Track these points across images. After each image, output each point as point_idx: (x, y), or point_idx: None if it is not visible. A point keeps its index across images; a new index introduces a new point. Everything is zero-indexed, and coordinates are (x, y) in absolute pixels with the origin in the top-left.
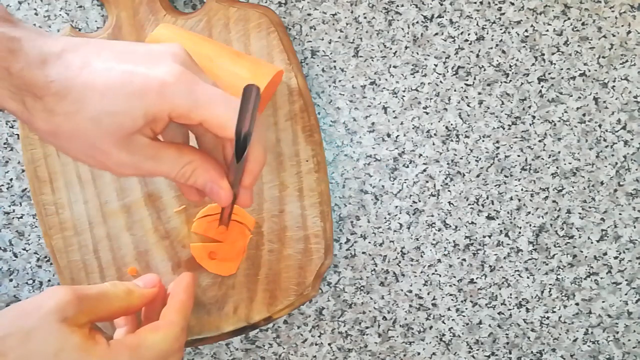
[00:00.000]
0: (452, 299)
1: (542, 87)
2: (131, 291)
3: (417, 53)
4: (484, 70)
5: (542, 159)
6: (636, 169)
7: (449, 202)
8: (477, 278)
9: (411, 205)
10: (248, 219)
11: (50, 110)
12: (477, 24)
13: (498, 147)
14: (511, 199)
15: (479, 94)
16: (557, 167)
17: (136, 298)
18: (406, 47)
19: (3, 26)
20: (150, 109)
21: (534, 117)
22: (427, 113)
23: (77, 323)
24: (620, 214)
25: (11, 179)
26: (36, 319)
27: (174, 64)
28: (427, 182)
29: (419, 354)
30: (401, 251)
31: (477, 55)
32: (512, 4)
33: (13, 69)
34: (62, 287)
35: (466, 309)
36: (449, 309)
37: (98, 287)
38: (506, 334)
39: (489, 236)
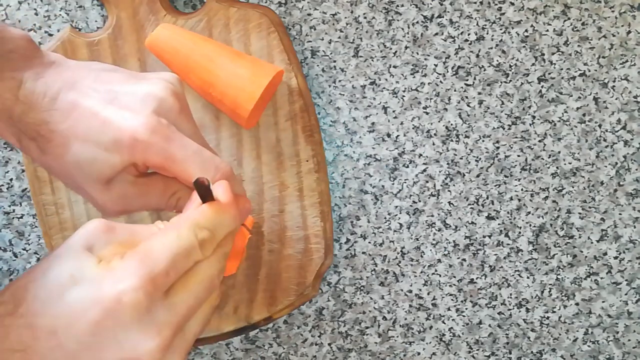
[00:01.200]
0: (452, 299)
1: (542, 87)
2: (201, 223)
3: (417, 53)
4: (484, 70)
5: (542, 159)
6: (636, 169)
7: (449, 202)
8: (477, 278)
9: (411, 205)
10: (247, 220)
11: (42, 150)
12: (477, 24)
13: (498, 147)
14: (511, 199)
15: (479, 94)
16: (557, 167)
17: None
18: (406, 47)
19: (16, 69)
20: (124, 160)
21: (534, 117)
22: (427, 113)
23: (105, 256)
24: (620, 214)
25: (11, 179)
26: (62, 249)
27: (152, 115)
28: (427, 182)
29: (419, 354)
30: (401, 251)
31: (477, 55)
32: (512, 4)
33: (15, 113)
34: (97, 219)
35: (466, 309)
36: (449, 309)
37: (132, 225)
38: (506, 334)
39: (489, 236)
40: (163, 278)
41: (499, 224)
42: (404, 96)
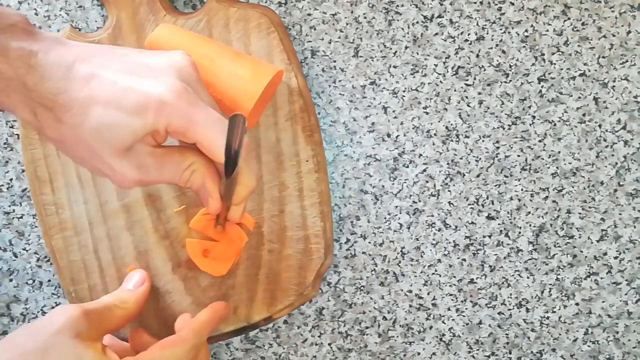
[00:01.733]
0: (452, 299)
1: (542, 87)
2: (125, 300)
3: (417, 53)
4: (484, 70)
5: (542, 159)
6: (636, 169)
7: (449, 202)
8: (477, 278)
9: (411, 205)
10: (247, 220)
11: (58, 120)
12: (477, 24)
13: (498, 147)
14: (511, 199)
15: (479, 94)
16: (557, 167)
17: (132, 304)
18: (406, 47)
19: (23, 40)
20: (148, 124)
21: (534, 117)
22: (427, 113)
23: (90, 337)
24: (620, 214)
25: (11, 179)
26: (50, 336)
27: (177, 80)
28: (427, 182)
29: (419, 354)
30: (401, 251)
31: (477, 55)
32: (512, 4)
33: (29, 83)
34: (69, 305)
35: (466, 309)
36: (449, 309)
37: (100, 302)
38: (506, 334)
39: (489, 236)
40: None
41: (499, 224)
42: (404, 96)
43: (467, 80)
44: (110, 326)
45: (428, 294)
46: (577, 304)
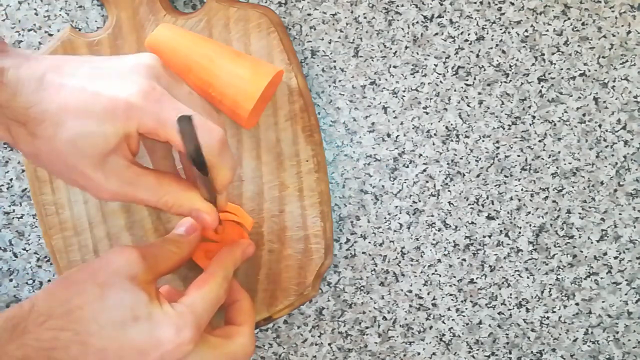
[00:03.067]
0: (452, 299)
1: (542, 87)
2: (180, 242)
3: (417, 53)
4: (484, 70)
5: (542, 159)
6: (636, 169)
7: (449, 202)
8: (477, 278)
9: (411, 205)
10: (247, 220)
11: (32, 134)
12: (477, 24)
13: (498, 147)
14: (511, 199)
15: (479, 94)
16: (557, 167)
17: (185, 250)
18: (406, 47)
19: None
20: (120, 129)
21: (534, 117)
22: (427, 113)
23: (145, 280)
24: (620, 214)
25: (11, 179)
26: (108, 275)
27: (145, 79)
28: (427, 182)
29: (419, 354)
30: (401, 251)
31: (477, 55)
32: (512, 4)
33: (1, 100)
34: (126, 246)
35: (466, 309)
36: (449, 309)
37: (154, 244)
38: (506, 334)
39: (489, 236)
40: (204, 326)
41: (499, 224)
42: (404, 96)
43: (467, 80)
44: (164, 269)
45: (428, 294)
46: (577, 304)
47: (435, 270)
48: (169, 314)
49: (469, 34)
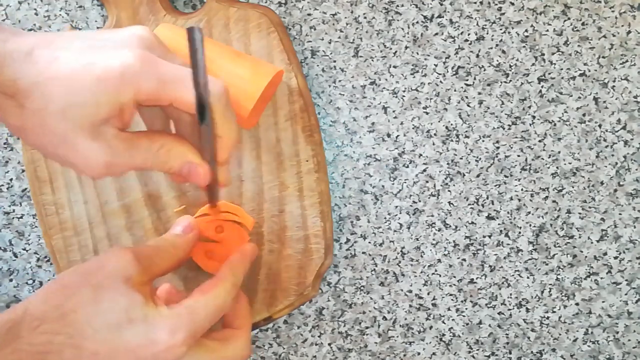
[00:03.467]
0: (452, 299)
1: (542, 87)
2: (177, 242)
3: (417, 53)
4: (484, 70)
5: (542, 159)
6: (636, 169)
7: (449, 202)
8: (477, 278)
9: (411, 205)
10: (247, 220)
11: (20, 106)
12: (477, 24)
13: (498, 147)
14: (511, 199)
15: (479, 94)
16: (557, 167)
17: (182, 250)
18: (406, 47)
19: None
20: (114, 95)
21: (534, 117)
22: (427, 113)
23: (140, 282)
24: (620, 214)
25: (11, 179)
26: (102, 278)
27: (138, 48)
28: (427, 182)
29: (419, 354)
30: (401, 251)
31: (477, 55)
32: (512, 4)
33: None
34: (122, 248)
35: (466, 309)
36: (449, 309)
37: (149, 245)
38: (506, 334)
39: (489, 236)
40: (202, 332)
41: (499, 224)
42: (404, 96)
43: (467, 80)
44: (159, 270)
45: (428, 294)
46: (577, 304)
47: (435, 270)
48: (164, 315)
49: (469, 34)
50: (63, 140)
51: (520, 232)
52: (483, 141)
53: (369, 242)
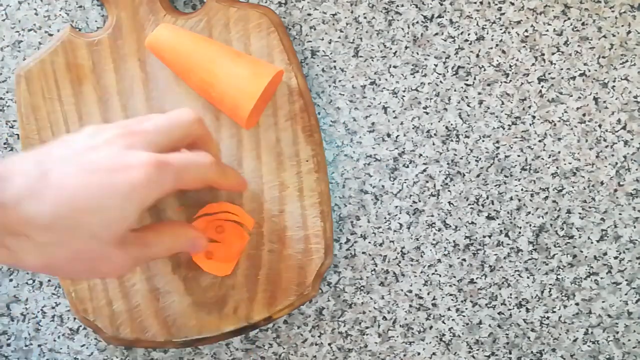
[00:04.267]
0: (452, 299)
1: (542, 87)
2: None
3: (417, 53)
4: (484, 70)
5: (542, 159)
6: (636, 169)
7: (449, 202)
8: (477, 278)
9: (411, 205)
10: (247, 220)
11: (40, 244)
12: (477, 24)
13: (498, 147)
14: (511, 199)
15: (479, 94)
16: (557, 167)
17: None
18: (406, 47)
19: None
20: (142, 202)
21: (534, 117)
22: (427, 113)
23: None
24: (620, 214)
25: None
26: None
27: (143, 152)
28: (427, 182)
29: (419, 354)
30: (401, 251)
31: (477, 55)
32: (512, 4)
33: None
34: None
35: (466, 309)
36: (449, 309)
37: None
38: (506, 334)
39: (489, 236)
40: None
41: (499, 224)
42: (404, 96)
43: (467, 80)
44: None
45: (428, 294)
46: (577, 304)
47: (435, 270)
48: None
49: (469, 34)
50: (97, 257)
51: (520, 232)
52: (483, 141)
53: (369, 242)
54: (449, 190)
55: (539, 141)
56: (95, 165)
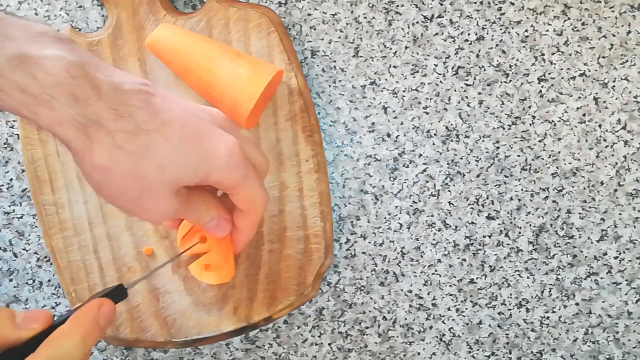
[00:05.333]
0: (452, 299)
1: (542, 87)
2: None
3: (417, 53)
4: (484, 70)
5: (542, 159)
6: (636, 169)
7: (449, 202)
8: (477, 278)
9: (411, 205)
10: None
11: (117, 146)
12: (477, 24)
13: (498, 147)
14: (511, 199)
15: (479, 94)
16: (557, 167)
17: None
18: (406, 47)
19: (66, 50)
20: (211, 172)
21: (534, 117)
22: (427, 113)
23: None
24: (620, 214)
25: (11, 179)
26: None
27: (237, 136)
28: (427, 182)
29: (419, 354)
30: (401, 251)
31: (477, 55)
32: (512, 4)
33: (80, 96)
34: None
35: (466, 309)
36: (449, 309)
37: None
38: (506, 334)
39: (489, 236)
40: None
41: (499, 224)
42: (404, 96)
43: (467, 80)
44: None
45: (428, 294)
46: (577, 304)
47: (435, 270)
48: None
49: (469, 34)
50: (148, 189)
51: (520, 232)
52: (483, 141)
53: (369, 242)
54: (449, 190)
55: (539, 141)
56: (199, 116)
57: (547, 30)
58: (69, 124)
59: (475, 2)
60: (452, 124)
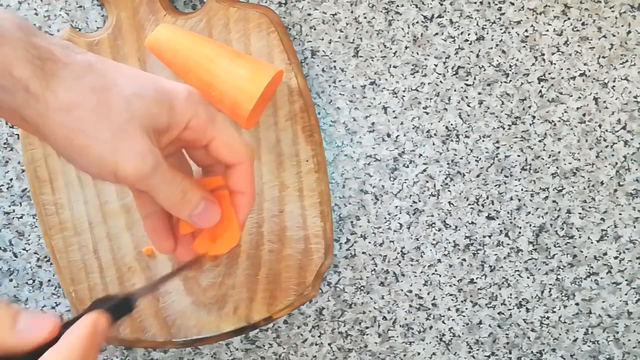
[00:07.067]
0: (452, 299)
1: (542, 87)
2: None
3: (417, 53)
4: (484, 70)
5: (542, 159)
6: (636, 169)
7: (449, 202)
8: (477, 278)
9: (411, 205)
10: (216, 181)
11: (77, 77)
12: (477, 24)
13: (498, 147)
14: (511, 199)
15: (479, 94)
16: (557, 167)
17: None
18: (406, 47)
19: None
20: (173, 108)
21: (534, 117)
22: (427, 113)
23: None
24: (620, 214)
25: (11, 179)
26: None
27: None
28: (427, 182)
29: (419, 354)
30: (401, 251)
31: (477, 55)
32: (512, 4)
33: (30, 31)
34: None
35: (466, 309)
36: (449, 309)
37: None
38: (506, 334)
39: (489, 236)
40: None
41: (499, 224)
42: (404, 96)
43: (467, 80)
44: None
45: (428, 294)
46: (577, 304)
47: (435, 270)
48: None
49: (469, 34)
50: (120, 127)
51: (520, 232)
52: (483, 141)
53: (369, 242)
54: (449, 190)
55: (539, 141)
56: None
57: (547, 30)
58: (24, 59)
59: (475, 2)
60: (452, 124)
